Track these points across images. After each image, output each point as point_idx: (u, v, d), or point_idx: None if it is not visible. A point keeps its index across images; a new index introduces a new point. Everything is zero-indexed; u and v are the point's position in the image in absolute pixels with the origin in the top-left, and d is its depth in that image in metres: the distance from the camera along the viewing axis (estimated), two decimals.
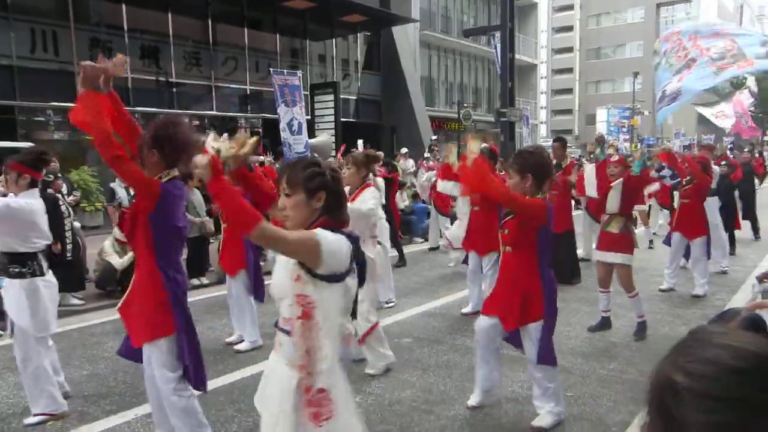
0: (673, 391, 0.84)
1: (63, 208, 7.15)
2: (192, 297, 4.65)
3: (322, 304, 2.20)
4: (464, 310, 6.83)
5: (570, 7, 60.09)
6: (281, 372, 2.26)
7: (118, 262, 7.47)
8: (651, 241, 10.91)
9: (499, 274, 4.17)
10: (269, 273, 3.28)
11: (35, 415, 4.15)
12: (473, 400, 4.27)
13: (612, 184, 5.83)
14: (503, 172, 7.53)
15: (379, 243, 5.50)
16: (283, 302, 2.27)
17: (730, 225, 10.10)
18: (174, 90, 17.42)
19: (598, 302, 6.16)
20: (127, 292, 3.43)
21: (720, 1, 63.28)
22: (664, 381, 0.87)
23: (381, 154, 10.58)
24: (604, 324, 6.12)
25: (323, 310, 2.21)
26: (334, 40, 22.53)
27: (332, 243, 2.19)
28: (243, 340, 5.77)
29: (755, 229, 11.78)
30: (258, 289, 5.81)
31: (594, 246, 8.78)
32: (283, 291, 2.25)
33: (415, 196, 13.02)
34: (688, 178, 7.45)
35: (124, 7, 16.01)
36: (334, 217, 2.31)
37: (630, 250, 5.79)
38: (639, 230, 8.38)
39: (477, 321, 4.16)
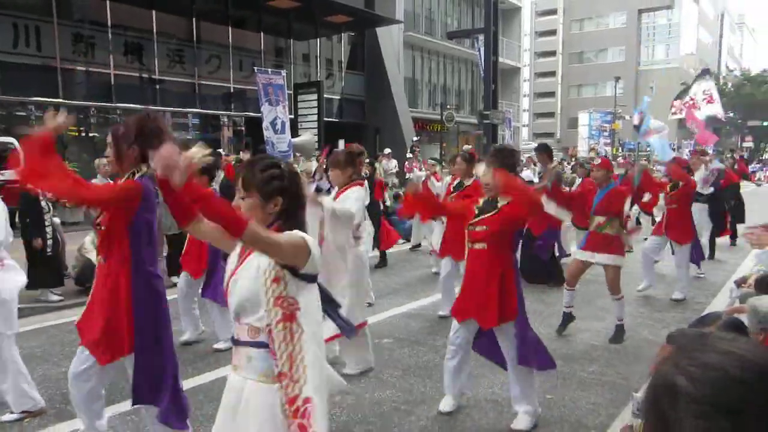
0: (671, 392, 0.85)
1: (43, 203, 7.11)
2: (171, 295, 4.62)
3: (304, 305, 2.08)
4: (441, 312, 6.76)
5: (553, 12, 60.59)
6: (253, 390, 2.11)
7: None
8: (631, 246, 11.00)
9: (469, 272, 4.00)
10: None
11: (11, 413, 4.10)
12: (445, 406, 4.22)
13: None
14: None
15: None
16: (251, 313, 2.11)
17: (717, 230, 10.23)
18: (157, 87, 17.28)
19: (563, 298, 6.20)
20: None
21: (701, 8, 64.12)
22: (664, 382, 0.87)
23: (362, 149, 10.52)
24: (567, 320, 6.15)
25: (305, 311, 2.08)
26: (318, 39, 22.50)
27: (314, 243, 2.11)
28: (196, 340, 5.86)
29: (733, 237, 11.91)
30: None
31: (574, 247, 8.87)
32: (254, 299, 2.09)
33: (396, 197, 13.03)
34: (672, 183, 7.55)
35: (108, 2, 15.85)
36: (290, 223, 2.15)
37: (621, 252, 5.85)
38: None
39: (452, 328, 4.12)
